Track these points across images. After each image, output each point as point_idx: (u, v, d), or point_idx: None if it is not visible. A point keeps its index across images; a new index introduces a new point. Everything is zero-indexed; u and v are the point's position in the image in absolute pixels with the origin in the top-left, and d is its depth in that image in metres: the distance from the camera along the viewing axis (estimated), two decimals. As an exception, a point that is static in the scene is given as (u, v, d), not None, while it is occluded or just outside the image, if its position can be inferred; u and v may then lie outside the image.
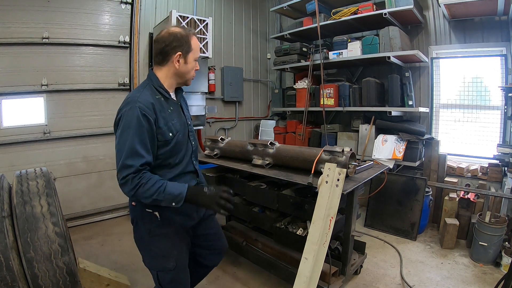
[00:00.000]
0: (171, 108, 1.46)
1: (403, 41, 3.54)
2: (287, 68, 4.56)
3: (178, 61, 1.42)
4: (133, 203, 1.47)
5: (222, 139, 2.70)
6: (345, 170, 1.69)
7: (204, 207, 1.45)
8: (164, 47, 1.41)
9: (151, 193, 1.28)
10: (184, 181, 1.47)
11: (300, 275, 1.68)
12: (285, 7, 4.51)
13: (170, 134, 1.40)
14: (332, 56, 4.04)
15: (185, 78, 1.49)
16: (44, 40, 3.30)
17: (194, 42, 1.46)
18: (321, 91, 4.09)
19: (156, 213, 1.42)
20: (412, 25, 3.88)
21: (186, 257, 1.57)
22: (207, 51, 3.75)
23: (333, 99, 4.05)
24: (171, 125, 1.41)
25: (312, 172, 1.87)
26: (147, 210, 1.42)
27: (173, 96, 1.51)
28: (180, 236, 1.52)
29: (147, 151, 1.31)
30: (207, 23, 3.70)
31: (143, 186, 1.27)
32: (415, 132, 3.50)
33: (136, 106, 1.30)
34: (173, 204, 1.32)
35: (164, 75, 1.45)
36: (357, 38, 4.05)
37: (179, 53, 1.41)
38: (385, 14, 3.44)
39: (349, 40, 4.00)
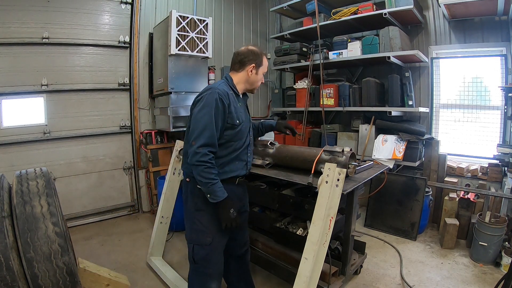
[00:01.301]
0: (240, 104, 1.78)
1: (403, 41, 3.54)
2: (287, 68, 4.56)
3: (251, 71, 1.78)
4: (188, 179, 1.74)
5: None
6: (345, 170, 1.69)
7: (219, 217, 1.65)
8: (242, 58, 1.78)
9: (206, 176, 1.55)
10: (236, 167, 1.75)
11: (300, 275, 1.68)
12: (285, 7, 4.51)
13: (237, 121, 1.69)
14: (332, 56, 4.04)
15: (253, 86, 1.84)
16: (44, 40, 3.30)
17: (265, 61, 1.84)
18: (321, 91, 4.09)
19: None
20: (412, 25, 3.88)
21: (223, 240, 1.78)
22: (207, 51, 3.75)
23: (333, 99, 4.05)
24: (239, 114, 1.72)
25: (312, 172, 1.87)
26: (197, 186, 1.64)
27: (241, 96, 1.83)
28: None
29: (217, 129, 1.60)
30: (207, 23, 3.70)
31: (207, 167, 1.55)
32: (415, 132, 3.50)
33: (215, 91, 1.62)
34: (208, 195, 1.59)
35: (237, 79, 1.80)
36: (357, 38, 4.05)
37: (253, 65, 1.77)
38: (385, 14, 3.44)
39: (349, 40, 4.00)
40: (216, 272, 1.76)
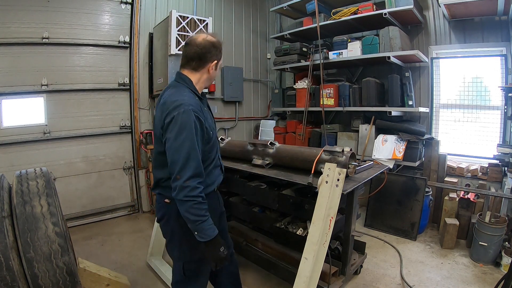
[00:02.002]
0: (205, 108, 1.55)
1: (403, 41, 3.54)
2: (287, 68, 4.56)
3: (213, 68, 1.51)
4: (167, 200, 1.52)
5: (222, 139, 2.70)
6: (345, 170, 1.69)
7: (206, 256, 1.47)
8: (204, 53, 1.46)
9: (196, 213, 1.34)
10: (215, 176, 1.61)
11: (300, 275, 1.68)
12: (285, 7, 4.51)
13: (211, 132, 1.51)
14: (332, 56, 4.04)
15: (210, 83, 1.61)
16: (44, 40, 3.30)
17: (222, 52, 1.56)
18: (321, 91, 4.09)
19: None
20: (412, 25, 3.88)
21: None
22: (207, 51, 3.75)
23: (333, 99, 4.05)
24: (209, 123, 1.51)
25: (312, 172, 1.87)
26: None
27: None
28: None
29: (200, 152, 1.40)
30: (207, 23, 3.70)
31: (197, 203, 1.34)
32: (415, 132, 3.50)
33: (189, 109, 1.35)
34: (195, 233, 1.38)
35: (197, 79, 1.51)
36: (357, 38, 4.05)
37: (216, 61, 1.50)
38: (385, 14, 3.44)
39: (349, 40, 4.00)
40: (205, 280, 1.70)
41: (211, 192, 1.59)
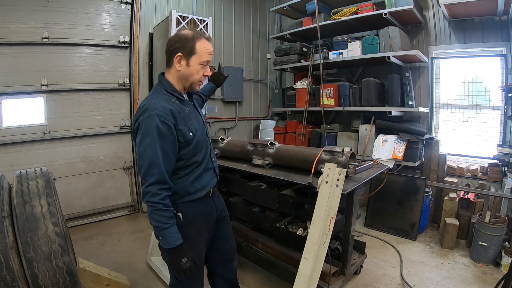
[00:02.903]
0: (188, 109, 1.48)
1: (403, 41, 3.54)
2: (287, 68, 4.56)
3: (180, 62, 1.40)
4: None
5: (222, 139, 2.70)
6: (345, 170, 1.69)
7: (168, 265, 1.48)
8: (168, 48, 1.41)
9: (156, 218, 1.33)
10: (206, 180, 1.55)
11: (300, 275, 1.68)
12: (285, 7, 4.51)
13: (191, 134, 1.43)
14: (332, 56, 4.04)
15: (189, 81, 1.46)
16: (44, 40, 3.30)
17: (201, 45, 1.40)
18: (321, 91, 4.09)
19: (180, 214, 1.46)
20: (412, 25, 3.88)
21: (203, 257, 1.62)
22: (207, 51, 3.75)
23: (333, 99, 4.05)
24: (190, 125, 1.44)
25: (312, 172, 1.87)
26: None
27: (186, 97, 1.53)
28: (200, 236, 1.56)
29: (168, 158, 1.36)
30: (207, 23, 3.70)
31: (157, 209, 1.32)
32: (415, 132, 3.50)
33: (153, 114, 1.31)
34: (159, 238, 1.38)
35: (172, 77, 1.46)
36: (357, 38, 4.05)
37: (180, 54, 1.38)
38: (385, 14, 3.44)
39: (349, 40, 4.00)
40: (200, 281, 1.66)
41: (202, 197, 1.53)
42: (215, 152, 2.67)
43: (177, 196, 1.44)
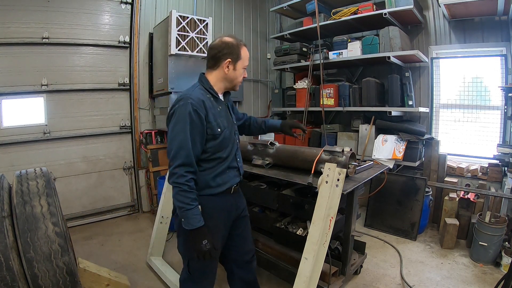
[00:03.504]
0: (220, 107, 1.60)
1: (403, 41, 3.54)
2: (287, 68, 4.55)
3: (228, 67, 1.55)
4: None
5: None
6: (345, 170, 1.69)
7: (190, 245, 1.51)
8: (216, 54, 1.55)
9: (181, 199, 1.42)
10: (228, 177, 1.61)
11: (300, 275, 1.68)
12: (285, 7, 4.51)
13: (219, 129, 1.53)
14: (332, 56, 4.04)
15: (234, 83, 1.63)
16: (44, 40, 3.30)
17: (244, 52, 1.59)
18: (321, 91, 4.09)
19: (199, 206, 1.49)
20: (412, 25, 3.88)
21: (218, 251, 1.64)
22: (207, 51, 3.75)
23: (333, 99, 4.05)
24: (220, 121, 1.55)
25: (312, 172, 1.87)
26: None
27: (221, 97, 1.66)
28: (217, 230, 1.60)
29: (195, 145, 1.45)
30: (207, 23, 3.70)
31: (182, 190, 1.42)
32: (415, 132, 3.50)
33: (188, 102, 1.44)
34: (182, 220, 1.45)
35: (214, 78, 1.59)
36: (357, 38, 4.05)
37: (229, 59, 1.54)
38: (385, 14, 3.44)
39: (349, 40, 4.00)
40: (211, 280, 1.70)
41: (222, 192, 1.59)
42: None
43: (197, 188, 1.49)
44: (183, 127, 1.42)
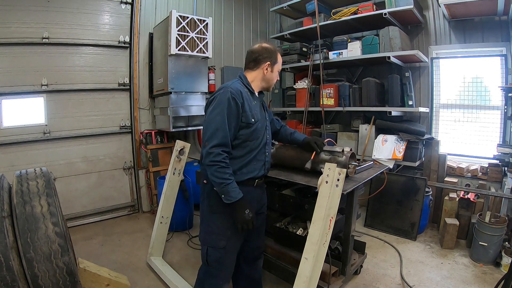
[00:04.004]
0: (255, 102, 1.75)
1: (403, 41, 3.54)
2: (287, 68, 4.56)
3: (267, 69, 1.76)
4: (205, 181, 1.70)
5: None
6: (345, 170, 1.69)
7: (234, 219, 1.62)
8: (257, 57, 1.75)
9: (220, 176, 1.53)
10: (254, 168, 1.71)
11: (300, 275, 1.68)
12: (285, 7, 4.51)
13: (252, 120, 1.66)
14: (332, 56, 4.04)
15: (269, 84, 1.82)
16: (44, 40, 3.30)
17: (279, 58, 1.81)
18: (321, 91, 4.09)
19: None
20: (412, 25, 3.88)
21: (237, 243, 1.74)
22: (207, 51, 3.75)
23: (333, 99, 4.05)
24: (254, 113, 1.69)
25: (312, 158, 1.94)
26: (214, 188, 1.60)
27: (256, 94, 1.80)
28: None
29: (230, 129, 1.58)
30: (207, 23, 3.70)
31: (221, 167, 1.53)
32: (415, 132, 3.50)
33: (228, 90, 1.60)
34: (222, 196, 1.56)
35: (253, 78, 1.78)
36: (357, 38, 4.05)
37: (268, 62, 1.74)
38: (385, 14, 3.44)
39: (349, 40, 4.00)
40: (228, 274, 1.75)
41: (246, 181, 1.67)
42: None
43: None
44: (221, 111, 1.55)
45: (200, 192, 1.79)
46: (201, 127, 4.06)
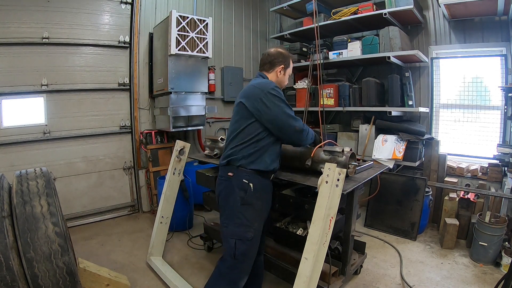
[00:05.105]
0: None
1: (403, 41, 3.54)
2: (287, 68, 4.55)
3: (280, 72, 1.91)
4: (230, 174, 1.75)
5: (222, 139, 2.70)
6: (345, 170, 1.69)
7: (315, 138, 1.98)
8: (273, 60, 1.90)
9: (311, 135, 1.89)
10: (274, 159, 1.84)
11: (300, 275, 1.68)
12: (285, 7, 4.51)
13: None
14: (332, 56, 4.04)
15: (281, 86, 1.94)
16: (44, 40, 3.30)
17: (291, 63, 2.00)
18: (321, 91, 4.09)
19: (251, 184, 1.71)
20: (412, 25, 3.88)
21: (259, 235, 1.79)
22: (207, 51, 3.75)
23: (333, 99, 4.05)
24: None
25: (312, 156, 1.97)
26: (244, 180, 1.71)
27: None
28: (263, 211, 1.80)
29: None
30: (207, 23, 3.70)
31: (309, 132, 1.86)
32: (415, 132, 3.50)
33: (276, 85, 1.79)
34: (315, 144, 1.98)
35: (269, 79, 1.92)
36: (357, 38, 4.05)
37: (282, 66, 1.91)
38: (385, 14, 3.44)
39: (349, 40, 4.00)
40: (250, 266, 1.76)
41: (266, 173, 1.79)
42: (215, 153, 2.68)
43: (251, 159, 1.72)
44: (285, 102, 1.76)
45: (219, 188, 1.83)
46: (201, 127, 4.12)
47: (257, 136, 1.73)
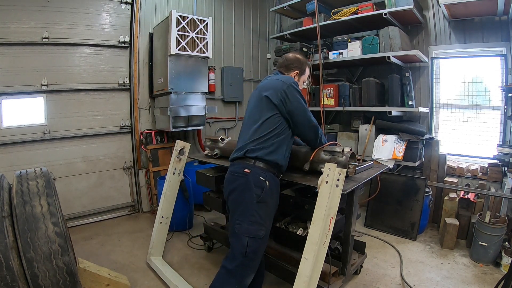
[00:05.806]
0: None
1: (403, 41, 3.54)
2: (287, 68, 4.54)
3: (294, 77, 1.97)
4: (247, 170, 1.74)
5: (222, 139, 2.70)
6: (345, 170, 1.69)
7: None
8: (289, 64, 2.00)
9: (321, 134, 1.96)
10: (286, 161, 1.89)
11: (300, 275, 1.68)
12: (285, 7, 4.51)
13: None
14: (332, 56, 4.04)
15: None
16: (44, 40, 3.30)
17: (308, 70, 2.08)
18: (321, 91, 4.09)
19: (267, 182, 1.73)
20: (412, 25, 3.88)
21: (269, 234, 1.81)
22: (207, 51, 3.75)
23: (333, 99, 4.05)
24: None
25: (311, 159, 1.96)
26: (261, 178, 1.72)
27: None
28: (273, 210, 1.83)
29: None
30: (207, 23, 3.70)
31: (320, 131, 1.95)
32: (415, 132, 3.50)
33: (296, 81, 1.88)
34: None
35: None
36: (357, 38, 4.05)
37: (297, 71, 1.99)
38: (385, 14, 3.44)
39: (349, 40, 4.00)
40: (258, 264, 1.77)
41: (282, 167, 1.85)
42: (215, 153, 2.68)
43: (270, 149, 1.76)
44: (303, 99, 1.84)
45: (232, 184, 1.79)
46: (202, 127, 4.11)
47: (276, 129, 1.78)
